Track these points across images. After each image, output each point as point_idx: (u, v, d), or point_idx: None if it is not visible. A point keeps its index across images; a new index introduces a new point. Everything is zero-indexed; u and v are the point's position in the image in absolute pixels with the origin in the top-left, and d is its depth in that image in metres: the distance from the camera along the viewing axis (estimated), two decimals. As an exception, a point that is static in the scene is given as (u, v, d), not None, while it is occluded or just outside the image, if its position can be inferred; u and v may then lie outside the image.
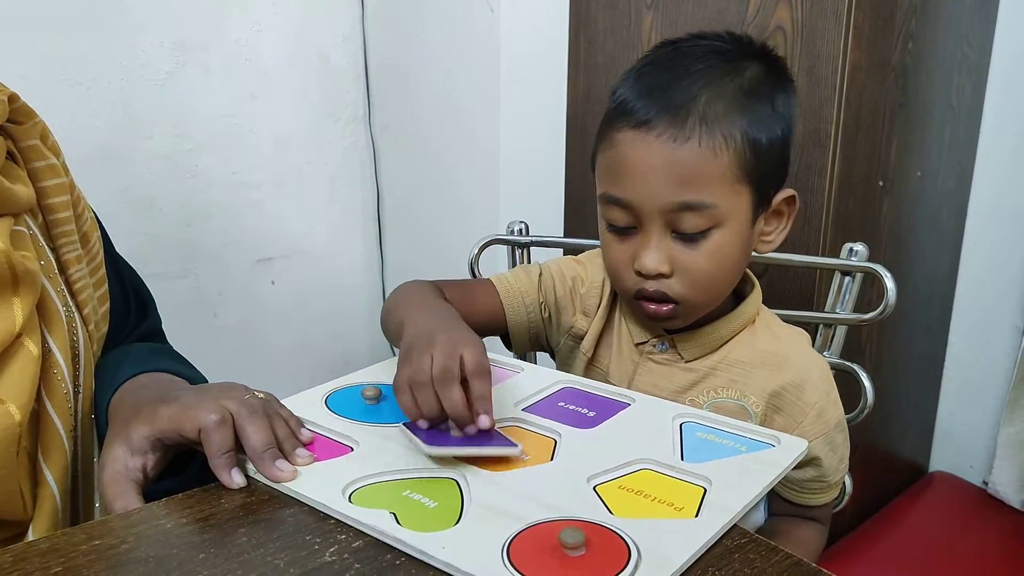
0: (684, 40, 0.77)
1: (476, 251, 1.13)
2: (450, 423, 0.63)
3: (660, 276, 0.74)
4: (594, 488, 0.59)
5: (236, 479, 0.59)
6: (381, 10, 1.65)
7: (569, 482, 0.59)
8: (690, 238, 0.73)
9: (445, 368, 0.62)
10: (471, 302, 0.84)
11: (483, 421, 0.62)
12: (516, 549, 0.51)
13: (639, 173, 0.72)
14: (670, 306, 0.75)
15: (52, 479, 0.69)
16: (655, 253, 0.73)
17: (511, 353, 0.94)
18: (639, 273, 0.75)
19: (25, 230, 0.71)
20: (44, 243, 0.74)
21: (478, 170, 1.52)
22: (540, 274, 0.88)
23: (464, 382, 0.63)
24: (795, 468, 0.67)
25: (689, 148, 0.70)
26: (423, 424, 0.63)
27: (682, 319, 0.78)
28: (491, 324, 0.87)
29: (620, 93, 0.75)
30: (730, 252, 0.74)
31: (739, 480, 0.59)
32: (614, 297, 0.86)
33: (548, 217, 1.51)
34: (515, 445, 0.62)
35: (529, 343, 0.90)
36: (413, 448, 0.63)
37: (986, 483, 1.55)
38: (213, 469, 0.60)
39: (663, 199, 0.71)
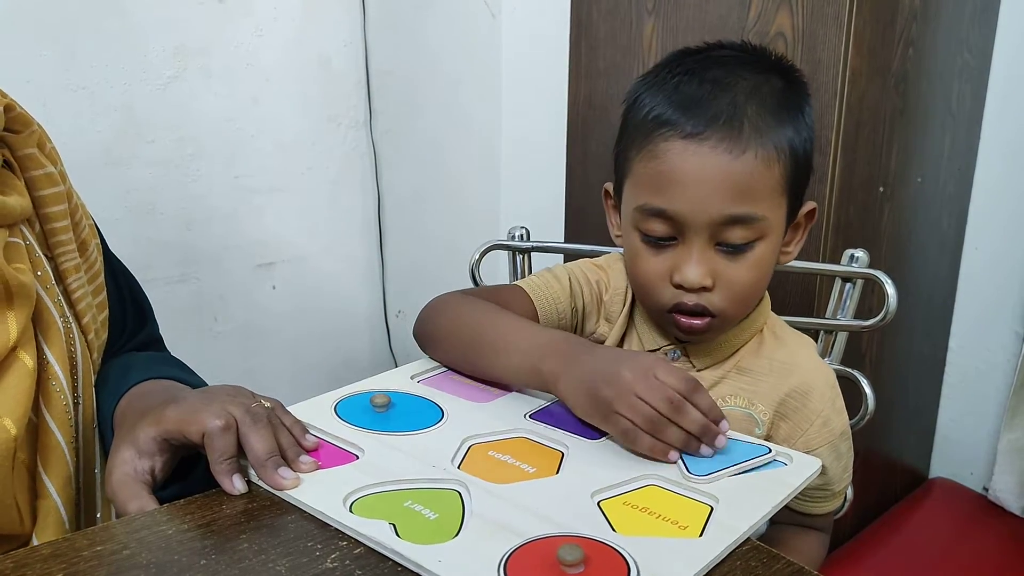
0: (710, 49, 0.76)
1: (477, 256, 1.13)
2: None
3: (702, 290, 0.72)
4: (598, 503, 0.58)
5: (237, 485, 0.59)
6: (382, 15, 1.65)
7: (573, 497, 0.58)
8: (733, 250, 0.71)
9: (669, 399, 0.62)
10: (506, 307, 0.81)
11: (724, 426, 0.64)
12: (513, 564, 0.50)
13: (690, 184, 0.70)
14: (707, 320, 0.74)
15: (54, 491, 0.68)
16: (698, 267, 0.71)
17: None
18: (679, 286, 0.73)
19: (20, 241, 0.71)
20: (41, 253, 0.74)
21: (479, 175, 1.52)
22: (569, 279, 0.86)
23: None
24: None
25: (745, 160, 0.69)
26: (674, 456, 0.62)
27: (713, 332, 0.77)
28: None
29: (653, 105, 0.73)
30: (768, 264, 0.74)
31: (747, 499, 0.58)
32: (632, 304, 0.85)
33: (549, 222, 1.51)
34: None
35: None
36: (417, 457, 0.63)
37: (986, 489, 1.55)
38: (214, 474, 0.60)
39: (714, 211, 0.70)
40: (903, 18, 1.21)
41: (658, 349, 0.81)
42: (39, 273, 0.72)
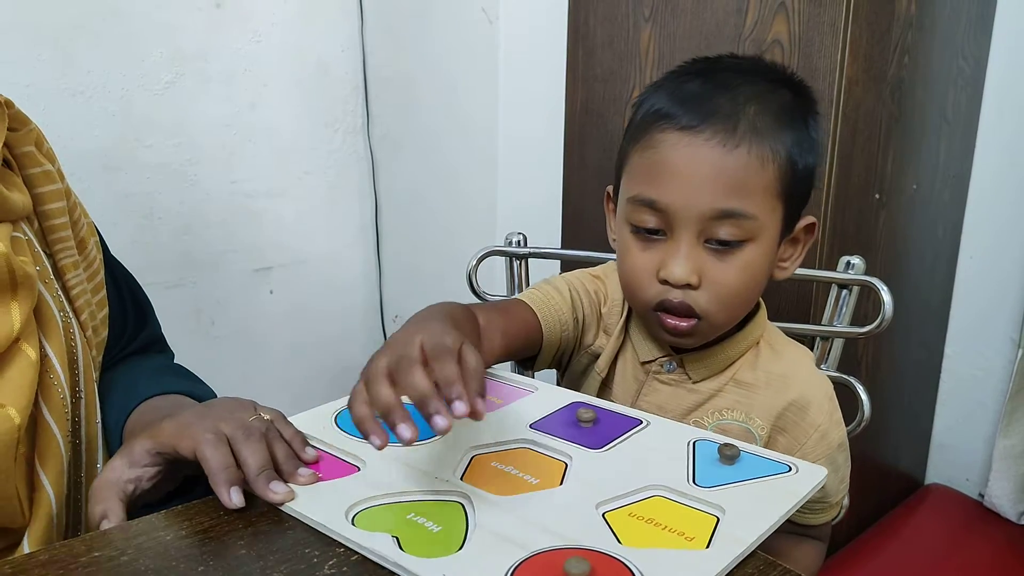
0: (723, 58, 0.77)
1: (474, 262, 1.13)
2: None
3: (687, 287, 0.72)
4: (603, 515, 0.57)
5: (235, 499, 0.58)
6: (380, 21, 1.65)
7: (577, 508, 0.58)
8: (723, 250, 0.71)
9: (438, 344, 0.57)
10: (508, 317, 0.79)
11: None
12: None
13: (683, 176, 0.70)
14: (692, 321, 0.73)
15: (48, 484, 0.69)
16: (685, 262, 0.71)
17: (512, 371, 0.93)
18: (664, 282, 0.72)
19: (22, 236, 0.71)
20: (40, 249, 0.74)
21: (476, 180, 1.52)
22: (569, 290, 0.85)
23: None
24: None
25: (738, 155, 0.69)
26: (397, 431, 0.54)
27: (699, 337, 0.76)
28: (528, 340, 0.82)
29: (655, 101, 0.74)
30: (758, 269, 0.73)
31: (753, 510, 0.57)
32: (628, 315, 0.84)
33: (546, 228, 1.52)
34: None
35: (553, 360, 0.86)
36: (420, 469, 0.62)
37: (982, 495, 1.55)
38: (213, 487, 0.59)
39: (705, 204, 0.69)
40: (899, 26, 1.22)
41: (654, 360, 0.81)
42: (38, 268, 0.72)
